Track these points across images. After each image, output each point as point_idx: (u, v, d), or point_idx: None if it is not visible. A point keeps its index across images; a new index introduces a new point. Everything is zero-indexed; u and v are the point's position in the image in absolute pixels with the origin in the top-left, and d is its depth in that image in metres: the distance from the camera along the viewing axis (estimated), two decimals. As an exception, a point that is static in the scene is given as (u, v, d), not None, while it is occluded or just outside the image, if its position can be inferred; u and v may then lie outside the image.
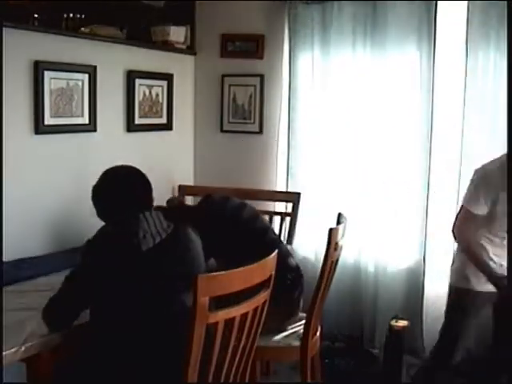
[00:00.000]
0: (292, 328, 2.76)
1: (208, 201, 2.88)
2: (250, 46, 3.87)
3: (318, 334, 2.78)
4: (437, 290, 3.51)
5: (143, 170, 3.67)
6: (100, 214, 2.13)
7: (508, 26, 3.04)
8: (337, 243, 2.57)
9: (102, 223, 2.16)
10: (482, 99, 3.29)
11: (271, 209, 3.73)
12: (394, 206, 3.57)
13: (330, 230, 2.51)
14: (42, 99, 2.97)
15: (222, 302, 1.84)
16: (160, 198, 3.88)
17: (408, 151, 3.52)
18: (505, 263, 2.62)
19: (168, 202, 2.98)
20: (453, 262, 2.91)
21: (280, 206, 3.77)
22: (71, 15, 3.10)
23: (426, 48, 3.38)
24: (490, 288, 2.68)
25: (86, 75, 3.21)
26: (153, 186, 3.88)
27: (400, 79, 3.49)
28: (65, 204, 3.18)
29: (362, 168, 3.61)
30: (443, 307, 3.45)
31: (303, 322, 2.71)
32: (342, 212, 2.83)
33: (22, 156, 2.91)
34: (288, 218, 3.62)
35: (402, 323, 3.29)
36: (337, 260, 2.68)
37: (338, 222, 2.72)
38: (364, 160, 3.60)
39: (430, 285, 3.52)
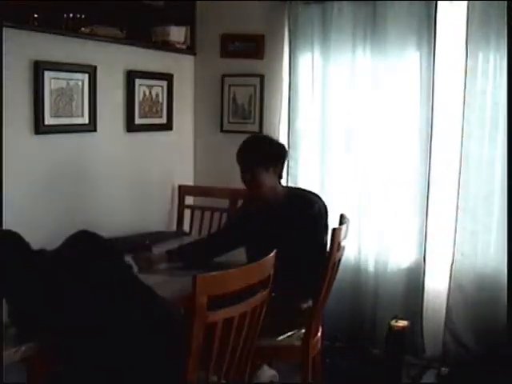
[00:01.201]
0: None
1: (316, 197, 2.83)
2: (249, 46, 3.87)
3: (319, 334, 2.78)
4: (437, 289, 3.52)
5: (143, 170, 3.72)
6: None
7: (508, 26, 3.05)
8: (339, 243, 2.57)
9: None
10: (482, 99, 3.29)
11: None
12: (393, 206, 3.57)
13: (334, 230, 2.51)
14: (42, 99, 2.97)
15: (225, 301, 1.84)
16: (160, 197, 3.93)
17: (408, 151, 3.51)
18: None
19: None
20: None
21: (280, 206, 3.76)
22: (71, 15, 3.10)
23: (426, 48, 3.38)
24: None
25: (86, 75, 3.21)
26: (152, 186, 3.89)
27: (400, 79, 3.49)
28: (65, 204, 3.18)
29: (362, 168, 3.61)
30: (443, 307, 3.47)
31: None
32: (343, 212, 2.83)
33: (22, 156, 2.91)
34: (288, 218, 3.61)
35: (402, 323, 3.30)
36: (339, 260, 2.68)
37: (341, 223, 2.72)
38: (364, 160, 3.60)
39: (430, 284, 3.52)
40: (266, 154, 2.73)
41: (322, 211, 2.74)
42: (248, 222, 2.83)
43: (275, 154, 2.77)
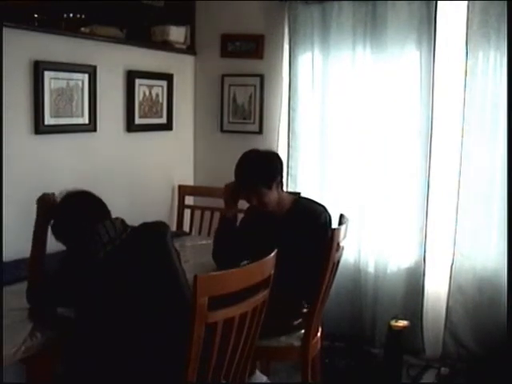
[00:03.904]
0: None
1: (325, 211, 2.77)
2: (250, 46, 3.87)
3: (318, 334, 2.78)
4: (437, 289, 3.52)
5: (143, 170, 3.72)
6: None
7: (508, 26, 3.05)
8: (338, 244, 2.57)
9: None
10: (482, 99, 3.29)
11: (271, 209, 3.73)
12: (393, 206, 3.57)
13: (333, 231, 2.50)
14: (42, 99, 2.96)
15: (224, 301, 1.84)
16: (160, 197, 3.92)
17: (408, 151, 3.51)
18: None
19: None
20: None
21: (280, 206, 3.76)
22: (71, 15, 3.10)
23: (425, 48, 3.38)
24: None
25: (86, 75, 3.21)
26: (152, 186, 3.88)
27: (400, 79, 3.49)
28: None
29: (361, 168, 3.61)
30: (443, 307, 3.47)
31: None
32: (343, 212, 2.83)
33: (22, 156, 2.91)
34: (288, 218, 3.61)
35: (402, 323, 3.30)
36: (338, 261, 2.68)
37: (340, 223, 2.72)
38: (364, 160, 3.60)
39: (429, 285, 3.52)
40: (265, 173, 2.65)
41: (328, 222, 2.71)
42: (249, 218, 2.82)
43: (273, 170, 2.69)
